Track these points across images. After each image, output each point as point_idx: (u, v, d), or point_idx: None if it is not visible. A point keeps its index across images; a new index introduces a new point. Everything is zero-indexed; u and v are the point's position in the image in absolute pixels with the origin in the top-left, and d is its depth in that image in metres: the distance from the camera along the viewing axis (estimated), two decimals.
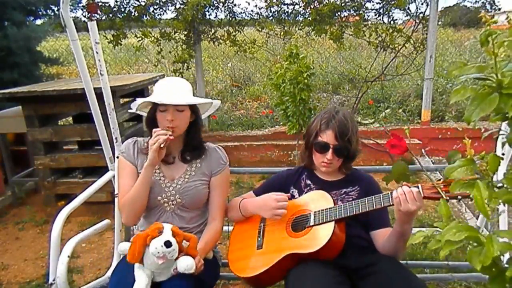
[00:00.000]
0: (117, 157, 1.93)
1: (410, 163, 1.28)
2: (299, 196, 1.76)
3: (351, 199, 1.68)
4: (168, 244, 1.43)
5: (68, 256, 1.70)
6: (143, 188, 1.63)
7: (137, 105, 1.73)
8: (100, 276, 2.53)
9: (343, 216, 1.53)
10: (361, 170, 1.86)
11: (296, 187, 1.80)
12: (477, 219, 2.37)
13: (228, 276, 1.93)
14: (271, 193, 1.68)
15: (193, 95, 1.76)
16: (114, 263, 2.10)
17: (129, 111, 1.77)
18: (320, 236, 1.51)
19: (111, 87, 2.98)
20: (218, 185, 1.77)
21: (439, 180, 1.39)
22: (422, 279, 1.68)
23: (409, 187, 1.41)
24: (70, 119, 4.37)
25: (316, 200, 1.65)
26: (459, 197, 1.32)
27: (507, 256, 0.87)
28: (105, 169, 2.37)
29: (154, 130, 1.62)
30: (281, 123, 4.97)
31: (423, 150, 4.35)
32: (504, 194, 0.80)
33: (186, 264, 1.46)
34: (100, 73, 2.01)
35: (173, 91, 1.65)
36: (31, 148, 3.61)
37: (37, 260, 2.89)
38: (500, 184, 0.84)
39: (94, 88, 2.08)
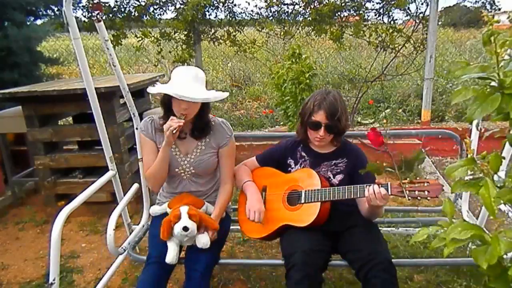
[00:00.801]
0: (137, 128, 2.39)
1: (418, 159, 1.52)
2: (295, 166, 2.08)
3: (339, 170, 2.02)
4: (185, 228, 1.84)
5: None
6: (163, 164, 1.97)
7: (156, 92, 1.95)
8: (100, 276, 2.53)
9: (326, 199, 1.87)
10: (352, 143, 2.13)
11: (292, 158, 2.10)
12: (477, 218, 2.37)
13: (237, 229, 2.32)
14: (262, 207, 1.99)
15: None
16: (143, 222, 2.51)
17: (148, 90, 1.98)
18: (309, 212, 1.89)
19: (111, 87, 3.01)
20: (226, 155, 2.09)
21: (406, 179, 1.68)
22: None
23: (379, 187, 1.72)
24: (70, 119, 4.37)
25: (307, 178, 1.97)
26: (419, 198, 1.65)
27: (510, 255, 0.87)
28: (105, 169, 2.37)
29: (171, 118, 1.87)
30: (281, 123, 4.97)
31: (423, 150, 4.34)
32: (507, 193, 0.79)
33: (203, 242, 1.89)
34: (113, 65, 2.17)
35: (189, 84, 1.86)
36: (31, 148, 3.60)
37: (37, 260, 2.88)
38: (500, 184, 0.84)
39: (95, 88, 2.08)
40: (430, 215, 2.71)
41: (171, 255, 1.88)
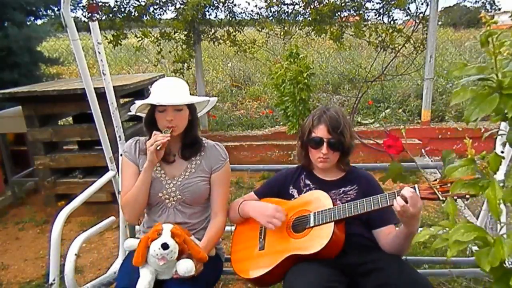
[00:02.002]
0: (121, 155, 1.98)
1: (410, 162, 1.31)
2: (298, 195, 1.78)
3: (349, 198, 1.70)
4: (165, 246, 1.46)
5: (75, 254, 1.75)
6: (143, 187, 1.69)
7: (136, 108, 1.75)
8: (100, 275, 2.53)
9: (342, 217, 1.54)
10: (359, 168, 1.88)
11: (295, 187, 1.82)
12: (477, 219, 2.37)
13: (231, 271, 1.94)
14: (274, 205, 1.69)
15: (193, 95, 1.79)
16: (120, 259, 2.14)
17: (129, 114, 1.84)
18: (320, 237, 1.54)
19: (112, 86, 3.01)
20: (219, 181, 1.80)
21: (435, 180, 1.41)
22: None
23: (408, 189, 1.42)
24: (70, 119, 4.37)
25: (315, 201, 1.67)
26: (455, 197, 1.32)
27: None
28: (105, 169, 2.37)
29: (154, 132, 1.65)
30: (281, 123, 4.98)
31: (423, 150, 4.34)
32: (510, 194, 0.79)
33: (186, 267, 1.50)
34: (103, 73, 2.04)
35: (170, 91, 1.68)
36: (31, 148, 3.61)
37: (37, 260, 2.88)
38: (501, 184, 0.84)
39: (95, 88, 2.08)
40: (430, 214, 2.71)
41: (144, 283, 1.49)
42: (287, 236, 1.64)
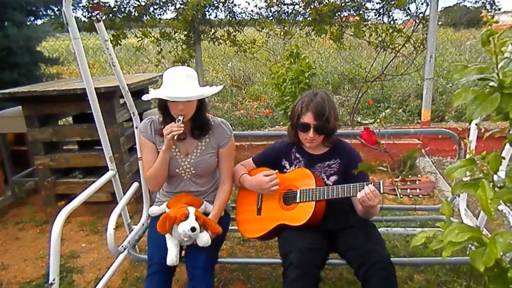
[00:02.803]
0: (136, 127, 2.36)
1: (410, 158, 1.55)
2: (289, 167, 2.10)
3: (332, 171, 2.03)
4: (193, 229, 1.84)
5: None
6: (162, 166, 1.98)
7: (149, 98, 1.95)
8: (100, 276, 2.53)
9: (321, 198, 1.89)
10: (344, 142, 2.14)
11: (287, 159, 2.12)
12: (477, 219, 2.37)
13: (237, 229, 2.28)
14: (261, 173, 2.03)
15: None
16: (143, 219, 2.51)
17: (144, 97, 1.99)
18: (303, 212, 1.91)
19: (111, 87, 3.01)
20: (226, 154, 2.10)
21: (398, 177, 1.70)
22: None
23: (372, 184, 1.75)
24: (70, 119, 4.37)
25: (302, 178, 1.99)
26: (410, 195, 1.67)
27: (509, 255, 0.87)
28: (105, 169, 2.37)
29: (171, 124, 1.87)
30: (281, 123, 4.97)
31: (423, 150, 4.34)
32: (506, 194, 0.79)
33: (204, 241, 1.89)
34: (113, 64, 2.17)
35: (181, 85, 1.85)
36: (31, 148, 3.60)
37: (37, 260, 2.88)
38: (501, 184, 0.84)
39: (95, 88, 2.08)
40: (430, 214, 2.73)
41: (172, 256, 1.87)
42: (279, 207, 2.01)
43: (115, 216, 2.16)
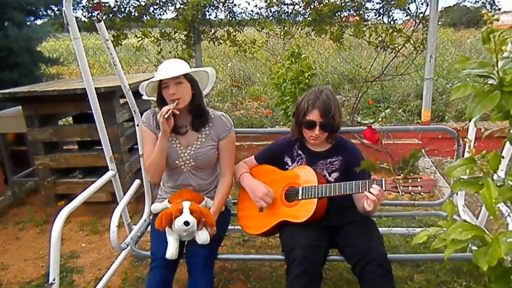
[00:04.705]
0: (137, 125, 2.40)
1: (414, 157, 1.61)
2: (291, 164, 2.11)
3: (334, 168, 2.05)
4: (187, 223, 1.86)
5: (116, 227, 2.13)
6: (160, 154, 1.98)
7: (144, 89, 2.02)
8: (100, 276, 2.53)
9: (323, 195, 1.89)
10: (346, 139, 2.14)
11: (289, 156, 2.13)
12: (477, 218, 2.36)
13: (238, 229, 2.30)
14: (265, 187, 2.02)
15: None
16: (145, 215, 2.54)
17: (143, 97, 2.05)
18: (306, 209, 1.91)
19: (111, 87, 3.01)
20: (226, 147, 2.11)
21: (400, 175, 1.72)
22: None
23: (374, 182, 1.76)
24: (70, 119, 4.37)
25: (304, 175, 2.00)
26: (412, 193, 1.69)
27: (511, 256, 0.87)
28: (105, 169, 2.37)
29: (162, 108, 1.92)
30: (281, 123, 4.97)
31: (423, 150, 4.34)
32: (507, 192, 0.79)
33: (203, 239, 1.91)
34: (114, 64, 2.18)
35: (170, 68, 1.93)
36: (31, 148, 3.60)
37: (37, 260, 2.88)
38: (500, 183, 0.84)
39: (95, 88, 2.08)
40: (427, 209, 2.77)
41: (171, 250, 1.89)
42: (281, 203, 2.02)
43: (118, 213, 2.18)
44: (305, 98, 2.00)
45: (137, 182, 2.54)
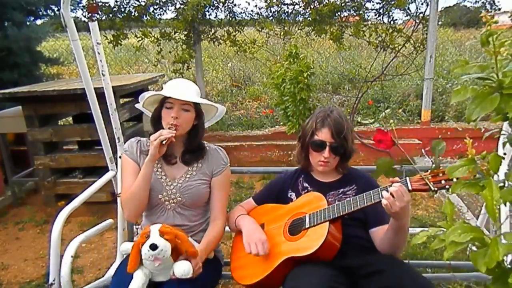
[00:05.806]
0: (120, 157, 1.96)
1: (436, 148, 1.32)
2: (296, 199, 1.77)
3: (349, 198, 1.62)
4: (153, 247, 1.43)
5: (72, 256, 1.73)
6: (143, 183, 1.65)
7: (145, 98, 1.74)
8: (100, 276, 2.53)
9: (336, 215, 1.52)
10: (357, 168, 1.84)
11: (294, 190, 1.81)
12: (477, 219, 2.37)
13: (230, 275, 1.90)
14: (263, 236, 1.65)
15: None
16: (117, 263, 2.10)
17: (136, 106, 1.82)
18: (315, 237, 1.51)
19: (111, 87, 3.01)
20: (219, 185, 1.78)
21: (427, 171, 1.40)
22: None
23: (395, 184, 1.41)
24: (70, 119, 4.37)
25: (310, 202, 1.66)
26: (447, 186, 1.33)
27: (510, 257, 0.87)
28: (105, 169, 2.37)
29: (160, 131, 1.64)
30: (281, 123, 4.98)
31: (423, 150, 4.34)
32: (509, 193, 0.79)
33: (183, 269, 1.47)
34: (102, 74, 2.03)
35: (182, 90, 1.68)
36: (31, 148, 3.61)
37: (37, 260, 2.88)
38: (501, 184, 0.84)
39: (95, 88, 2.08)
40: (429, 213, 2.72)
41: (137, 284, 1.47)
42: (284, 239, 1.63)
43: (76, 244, 1.81)
44: (312, 117, 1.73)
45: (108, 221, 2.16)
